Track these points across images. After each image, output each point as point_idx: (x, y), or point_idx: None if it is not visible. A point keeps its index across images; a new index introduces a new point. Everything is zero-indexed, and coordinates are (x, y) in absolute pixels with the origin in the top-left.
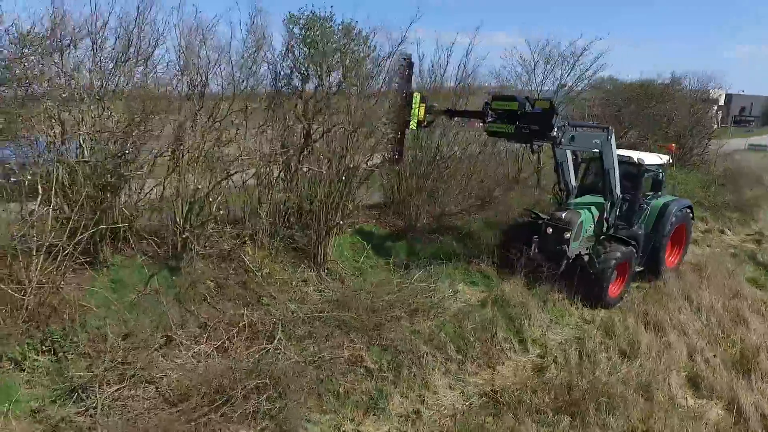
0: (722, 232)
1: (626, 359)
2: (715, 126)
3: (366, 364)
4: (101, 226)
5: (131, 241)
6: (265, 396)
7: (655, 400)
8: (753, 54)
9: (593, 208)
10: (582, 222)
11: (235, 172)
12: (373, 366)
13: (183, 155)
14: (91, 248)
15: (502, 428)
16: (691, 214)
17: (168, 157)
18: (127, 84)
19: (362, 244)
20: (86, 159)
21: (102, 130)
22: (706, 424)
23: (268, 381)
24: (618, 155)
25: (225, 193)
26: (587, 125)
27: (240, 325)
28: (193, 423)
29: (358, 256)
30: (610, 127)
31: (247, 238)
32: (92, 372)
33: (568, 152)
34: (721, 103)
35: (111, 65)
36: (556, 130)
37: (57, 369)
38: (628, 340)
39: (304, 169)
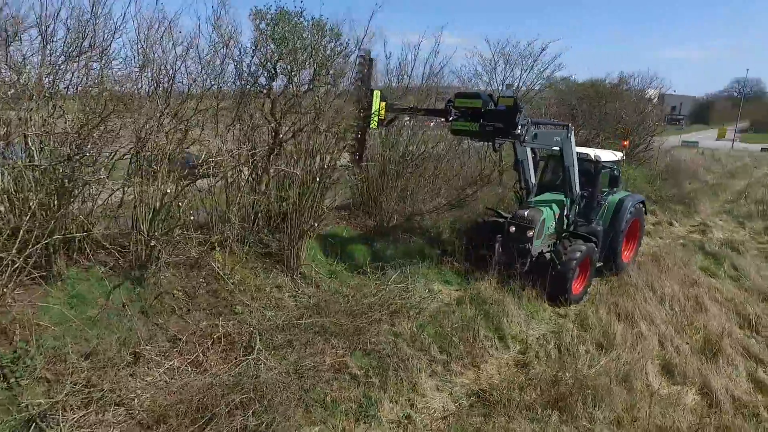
0: (670, 224)
1: (603, 351)
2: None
3: (351, 370)
4: (55, 236)
5: (88, 251)
6: (251, 411)
7: (636, 389)
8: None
9: (554, 206)
10: (544, 220)
11: (208, 175)
12: (358, 372)
13: (146, 157)
14: (44, 261)
15: (496, 428)
16: (644, 209)
17: (129, 160)
18: (81, 81)
19: (334, 246)
20: (35, 163)
21: (52, 131)
22: (684, 409)
23: (252, 395)
24: (576, 152)
25: (191, 197)
26: (548, 122)
27: (214, 336)
28: None
29: (331, 259)
30: (569, 125)
31: (216, 244)
32: (52, 398)
33: (528, 150)
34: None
35: (62, 60)
36: (520, 127)
37: (9, 397)
38: (603, 332)
39: (271, 171)
